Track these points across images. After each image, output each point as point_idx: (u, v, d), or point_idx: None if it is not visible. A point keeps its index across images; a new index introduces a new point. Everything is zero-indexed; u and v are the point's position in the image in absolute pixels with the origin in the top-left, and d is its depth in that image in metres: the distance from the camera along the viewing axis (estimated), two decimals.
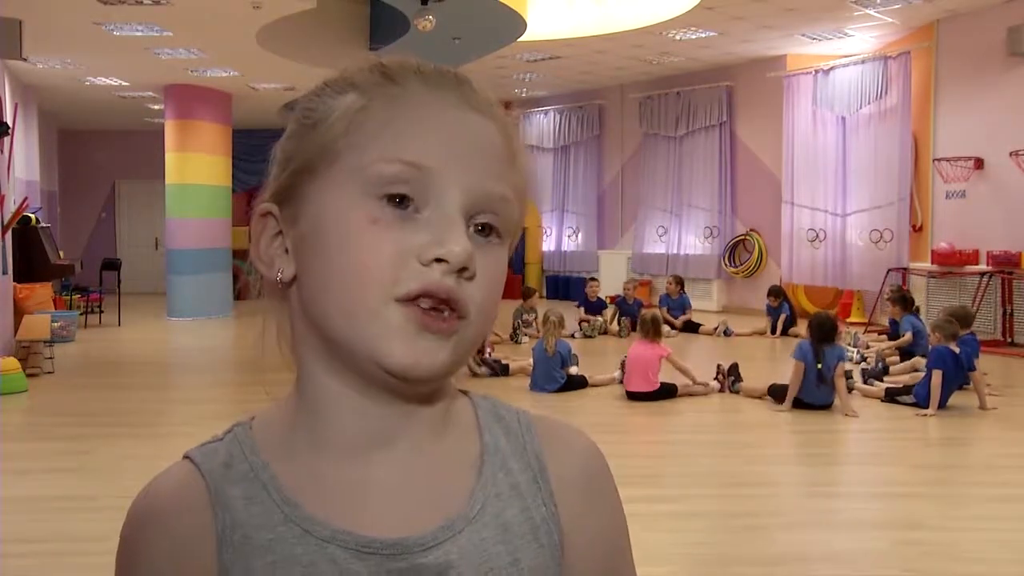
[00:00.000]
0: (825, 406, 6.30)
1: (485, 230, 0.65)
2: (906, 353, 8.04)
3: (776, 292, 10.71)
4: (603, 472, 0.75)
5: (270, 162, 0.70)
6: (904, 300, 8.81)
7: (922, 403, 6.26)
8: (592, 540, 0.72)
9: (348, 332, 0.63)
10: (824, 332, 6.33)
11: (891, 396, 6.59)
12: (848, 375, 6.72)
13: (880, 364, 7.65)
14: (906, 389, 6.55)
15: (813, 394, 6.28)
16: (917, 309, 8.85)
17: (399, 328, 0.61)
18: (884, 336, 9.59)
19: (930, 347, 6.60)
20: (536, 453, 0.72)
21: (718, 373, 7.10)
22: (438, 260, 0.61)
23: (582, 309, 10.88)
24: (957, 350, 6.29)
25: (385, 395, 0.66)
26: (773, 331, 10.40)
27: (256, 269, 0.69)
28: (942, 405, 6.20)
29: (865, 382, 7.16)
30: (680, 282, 11.29)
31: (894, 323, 9.59)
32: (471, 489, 0.68)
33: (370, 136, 0.64)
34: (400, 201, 0.62)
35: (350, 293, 0.62)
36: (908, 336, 8.24)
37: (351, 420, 0.66)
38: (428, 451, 0.68)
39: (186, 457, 0.69)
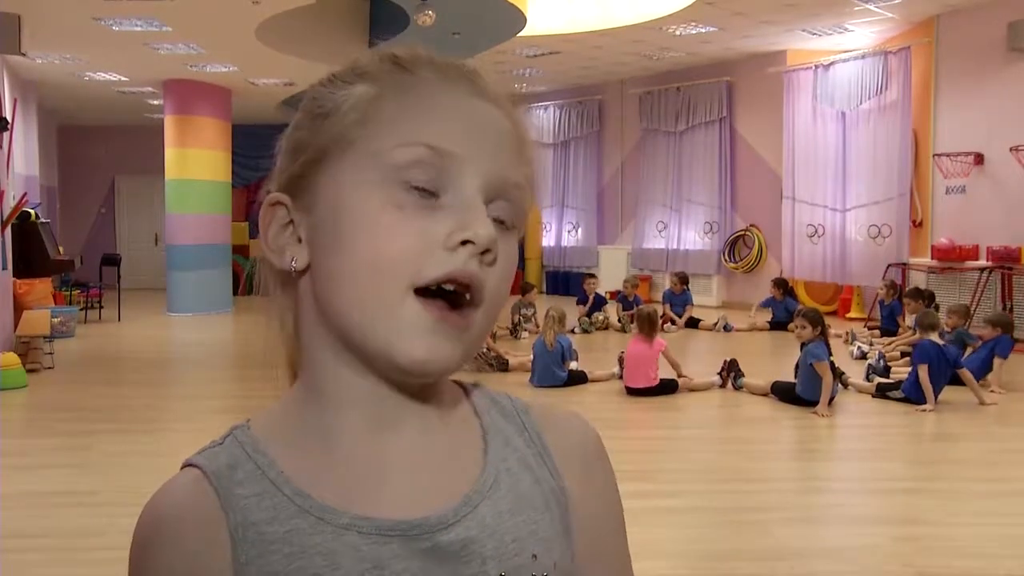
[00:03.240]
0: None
1: (500, 220, 0.65)
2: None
3: (780, 284, 10.71)
4: (600, 450, 0.76)
5: (277, 153, 0.69)
6: (920, 295, 8.78)
7: (910, 397, 6.28)
8: (593, 515, 0.73)
9: (361, 326, 0.63)
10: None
11: (882, 391, 6.60)
12: (841, 373, 6.72)
13: (882, 361, 7.64)
14: (896, 384, 6.56)
15: (811, 390, 6.28)
16: (937, 306, 8.76)
17: (413, 324, 0.61)
18: (877, 330, 9.59)
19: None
20: (536, 431, 0.73)
21: (723, 368, 7.09)
22: (463, 243, 0.61)
23: (580, 307, 10.70)
24: (941, 343, 6.35)
25: (395, 382, 0.66)
26: (773, 323, 10.37)
27: (267, 259, 0.68)
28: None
29: (867, 378, 7.15)
30: (685, 279, 11.24)
31: (888, 316, 9.57)
32: (482, 465, 0.69)
33: (386, 123, 0.63)
34: (422, 190, 0.62)
35: (366, 284, 0.62)
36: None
37: (362, 406, 0.66)
38: (437, 433, 0.69)
39: (187, 465, 0.67)
